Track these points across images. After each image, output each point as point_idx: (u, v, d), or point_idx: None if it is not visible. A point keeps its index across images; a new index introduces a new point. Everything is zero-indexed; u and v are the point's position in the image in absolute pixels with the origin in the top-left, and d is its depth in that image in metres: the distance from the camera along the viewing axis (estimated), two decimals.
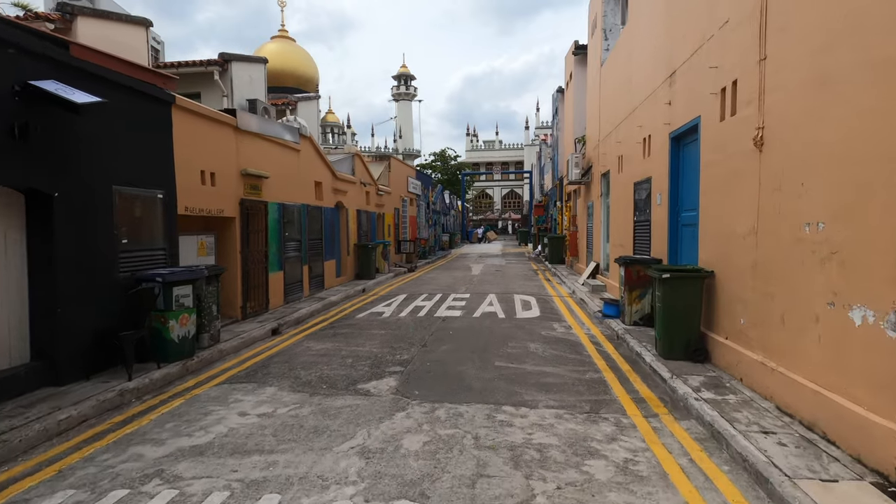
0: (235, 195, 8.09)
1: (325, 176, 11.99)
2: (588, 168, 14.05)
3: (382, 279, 14.72)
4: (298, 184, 10.51)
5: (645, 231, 8.47)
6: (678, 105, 6.80)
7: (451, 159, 64.01)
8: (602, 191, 12.47)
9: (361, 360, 6.15)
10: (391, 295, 11.87)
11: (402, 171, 21.00)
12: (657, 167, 7.76)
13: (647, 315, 7.50)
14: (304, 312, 9.12)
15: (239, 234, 8.19)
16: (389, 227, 18.48)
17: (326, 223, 12.06)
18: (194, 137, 7.03)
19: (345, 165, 14.22)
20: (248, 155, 8.43)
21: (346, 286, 12.72)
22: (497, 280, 14.76)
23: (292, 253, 10.21)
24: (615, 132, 10.73)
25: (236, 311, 8.17)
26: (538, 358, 6.15)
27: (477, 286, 13.35)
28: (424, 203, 25.42)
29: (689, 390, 4.63)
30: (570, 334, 7.50)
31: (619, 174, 10.32)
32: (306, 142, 10.91)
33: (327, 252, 12.14)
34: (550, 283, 14.06)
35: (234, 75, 13.36)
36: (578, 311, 9.47)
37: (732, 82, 5.12)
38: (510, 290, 12.55)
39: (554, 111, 25.81)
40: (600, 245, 12.67)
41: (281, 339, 7.44)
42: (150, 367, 5.46)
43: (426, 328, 7.95)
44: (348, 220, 13.73)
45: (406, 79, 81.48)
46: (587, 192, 14.63)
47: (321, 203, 11.77)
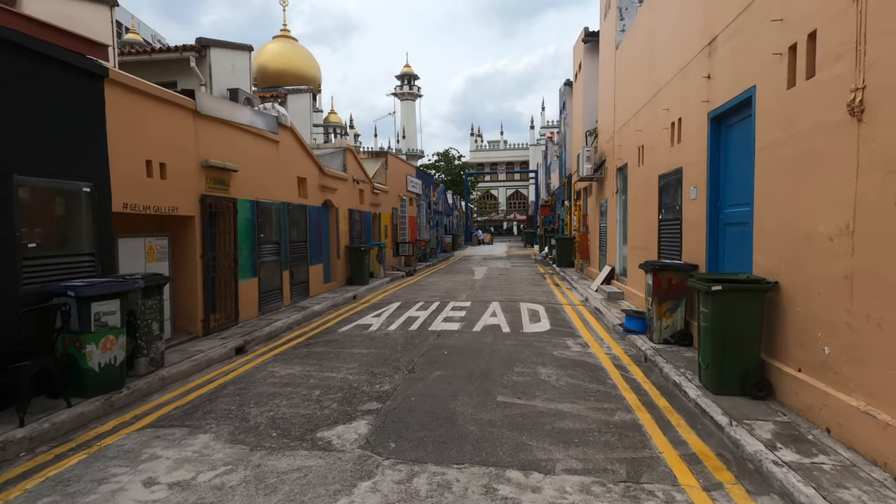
0: (194, 190, 6.93)
1: (310, 171, 10.83)
2: (601, 163, 12.82)
3: (376, 284, 13.54)
4: (277, 179, 9.34)
5: (674, 231, 7.24)
6: (721, 77, 5.58)
7: (455, 159, 62.84)
8: (618, 187, 11.23)
9: (331, 391, 4.96)
10: (383, 303, 10.68)
11: (401, 168, 19.84)
12: (690, 155, 6.54)
13: (681, 332, 6.27)
14: (280, 325, 7.95)
15: (199, 235, 7.02)
16: (386, 228, 17.31)
17: (312, 223, 10.90)
18: (137, 120, 5.87)
19: (335, 161, 13.06)
20: (211, 144, 7.27)
21: (335, 293, 11.55)
22: (501, 285, 13.54)
23: (269, 257, 9.05)
24: (634, 120, 9.50)
25: (196, 325, 7.00)
26: (551, 389, 4.93)
27: (479, 292, 12.14)
28: (425, 203, 24.24)
29: (760, 447, 3.40)
30: (587, 355, 6.28)
31: (640, 167, 9.09)
32: (287, 133, 9.75)
33: (313, 255, 10.97)
34: (560, 289, 12.83)
35: (214, 62, 12.24)
36: (594, 324, 8.23)
37: (809, 34, 3.89)
38: (516, 296, 11.33)
39: (561, 106, 24.58)
40: (615, 247, 11.44)
41: (243, 361, 6.26)
42: (60, 406, 4.30)
43: (417, 346, 6.75)
44: (338, 221, 12.57)
45: (409, 78, 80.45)
46: (600, 188, 13.39)
47: (305, 201, 10.61)
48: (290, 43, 55.82)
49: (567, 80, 22.19)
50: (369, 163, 17.30)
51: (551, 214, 29.27)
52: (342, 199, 12.85)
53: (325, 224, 11.95)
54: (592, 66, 16.05)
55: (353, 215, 13.69)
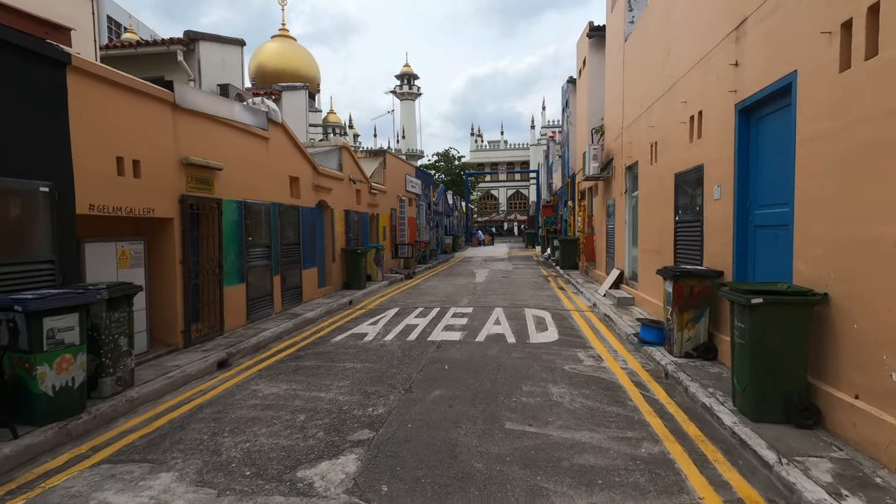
0: (173, 190, 6.38)
1: (303, 170, 10.28)
2: (608, 161, 12.28)
3: (374, 288, 12.99)
4: (267, 178, 8.80)
5: (693, 234, 6.69)
6: (751, 64, 5.03)
7: (455, 159, 62.31)
8: (627, 186, 10.69)
9: (318, 416, 4.41)
10: (380, 309, 10.13)
11: (400, 168, 19.29)
12: (713, 151, 5.99)
13: (704, 345, 5.72)
14: (268, 335, 7.40)
15: (179, 239, 6.48)
16: (384, 229, 16.76)
17: (305, 225, 10.35)
18: (106, 113, 5.33)
19: (330, 160, 12.52)
20: (191, 140, 6.73)
21: (330, 298, 11.00)
22: (504, 289, 13.00)
23: (259, 261, 8.50)
24: (645, 116, 8.96)
25: (176, 336, 6.46)
26: (566, 413, 4.38)
27: (481, 297, 11.60)
28: (425, 203, 23.69)
29: (823, 495, 2.85)
30: (602, 370, 5.73)
31: (653, 165, 8.54)
32: (278, 129, 9.21)
33: (307, 259, 10.43)
34: (565, 293, 12.28)
35: (203, 57, 11.71)
36: (606, 333, 7.68)
37: (869, 7, 3.35)
38: (520, 301, 10.78)
39: (564, 104, 24.04)
40: (624, 249, 10.89)
41: (225, 376, 5.72)
42: (6, 437, 3.75)
43: (415, 359, 6.20)
44: (334, 222, 12.02)
45: (409, 78, 79.92)
46: (606, 188, 12.85)
47: (298, 202, 10.06)
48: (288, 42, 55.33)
49: (570, 78, 21.66)
50: (367, 162, 16.76)
51: (553, 215, 28.73)
52: (338, 200, 12.31)
53: (319, 226, 11.41)
54: (598, 62, 15.51)
55: (350, 216, 13.15)
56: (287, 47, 51.50)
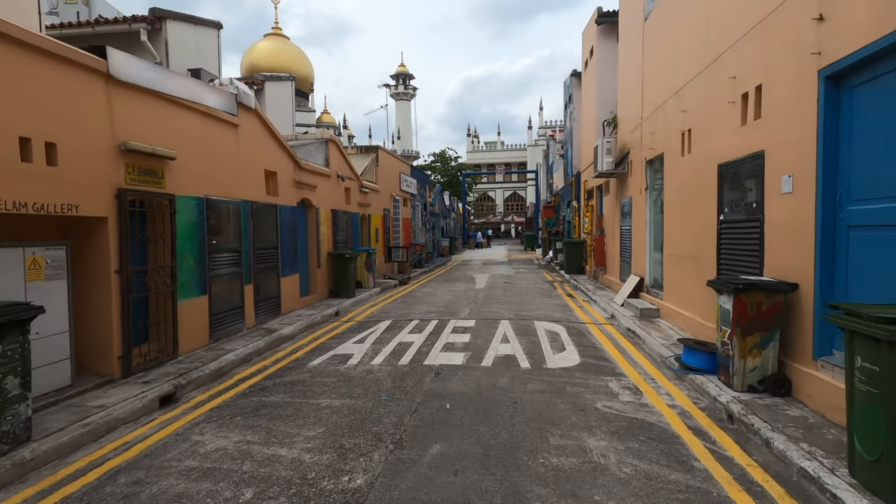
0: (107, 182, 5.13)
1: (281, 164, 9.04)
2: (623, 156, 11.10)
3: (364, 296, 11.75)
4: (236, 172, 7.55)
5: (746, 236, 5.50)
6: (848, 14, 3.85)
7: (452, 160, 61.13)
8: (648, 182, 9.51)
9: (272, 489, 3.17)
10: (370, 322, 8.89)
11: (394, 165, 18.07)
12: (779, 133, 4.81)
13: (774, 377, 4.53)
14: (232, 359, 6.15)
15: (116, 243, 5.22)
16: (377, 231, 15.53)
17: (284, 226, 9.11)
18: (4, 80, 4.09)
19: (315, 154, 11.29)
20: (134, 122, 5.48)
21: (314, 309, 9.75)
22: (508, 297, 11.78)
23: (225, 269, 7.25)
24: (674, 100, 7.78)
25: (111, 364, 5.19)
26: (616, 486, 3.16)
27: (483, 306, 10.38)
28: (421, 204, 22.48)
29: None
30: (645, 408, 4.51)
31: (685, 156, 7.36)
32: (250, 116, 7.97)
33: (286, 265, 9.18)
34: (576, 302, 11.09)
35: (172, 38, 10.46)
36: (635, 354, 6.48)
37: None
38: (527, 312, 9.58)
39: (566, 100, 22.92)
40: (644, 253, 9.71)
41: (165, 419, 4.47)
42: None
43: (408, 393, 4.97)
44: (319, 223, 10.78)
45: (404, 78, 78.83)
46: (620, 185, 11.67)
47: (276, 200, 8.82)
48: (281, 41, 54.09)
49: (574, 71, 20.53)
50: (358, 158, 15.53)
51: (555, 216, 27.58)
52: (323, 198, 11.07)
53: (301, 227, 10.16)
54: (608, 50, 14.38)
55: (338, 217, 11.91)
56: (280, 46, 50.28)
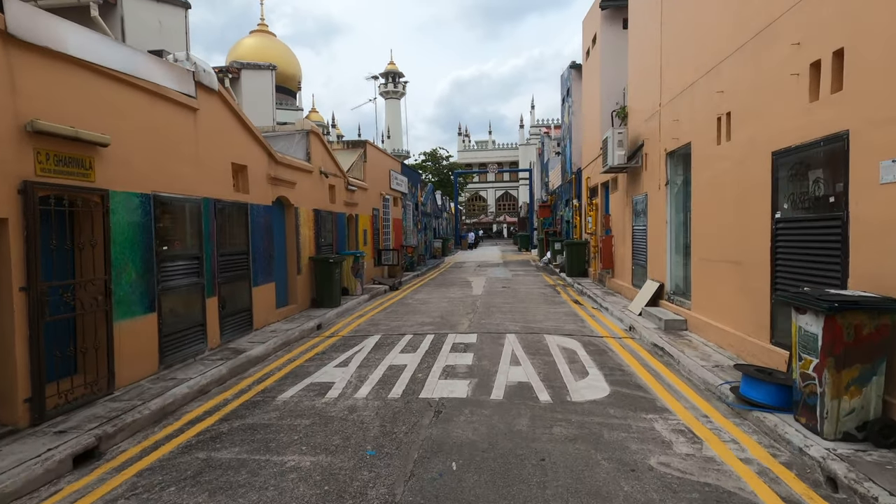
0: (7, 173, 3.95)
1: (253, 157, 7.87)
2: (637, 148, 10.07)
3: (351, 305, 10.60)
4: (195, 164, 6.38)
5: (821, 238, 4.45)
6: None
7: (443, 159, 60.03)
8: (668, 177, 8.48)
9: None
10: (356, 337, 7.75)
11: (383, 162, 16.91)
12: (873, 108, 3.76)
13: (880, 424, 3.46)
14: (184, 392, 4.98)
15: (21, 251, 4.04)
16: (365, 232, 14.36)
17: (257, 228, 7.93)
18: None
19: (295, 148, 10.11)
20: (48, 96, 4.30)
21: (293, 322, 8.59)
22: (510, 304, 10.70)
23: (181, 279, 6.07)
24: (707, 80, 6.74)
25: (15, 410, 4.00)
26: None
27: (484, 316, 9.29)
28: (412, 203, 21.34)
29: None
30: (713, 466, 3.43)
31: (721, 144, 6.33)
32: (213, 99, 6.80)
33: (259, 272, 8.00)
34: (585, 310, 10.03)
35: (129, 14, 9.22)
36: (672, 379, 5.41)
37: None
38: (534, 323, 8.49)
39: (564, 94, 21.91)
40: (664, 256, 8.67)
41: (74, 491, 3.31)
42: None
43: (402, 446, 3.84)
44: (299, 224, 9.61)
45: (394, 76, 77.60)
46: (633, 181, 10.64)
47: (246, 198, 7.65)
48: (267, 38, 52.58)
49: (573, 63, 19.53)
50: (344, 154, 14.36)
51: (551, 216, 26.59)
52: (304, 197, 9.90)
53: (278, 229, 8.99)
54: (613, 36, 13.37)
55: (321, 217, 10.74)
56: (266, 42, 48.90)
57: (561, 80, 22.66)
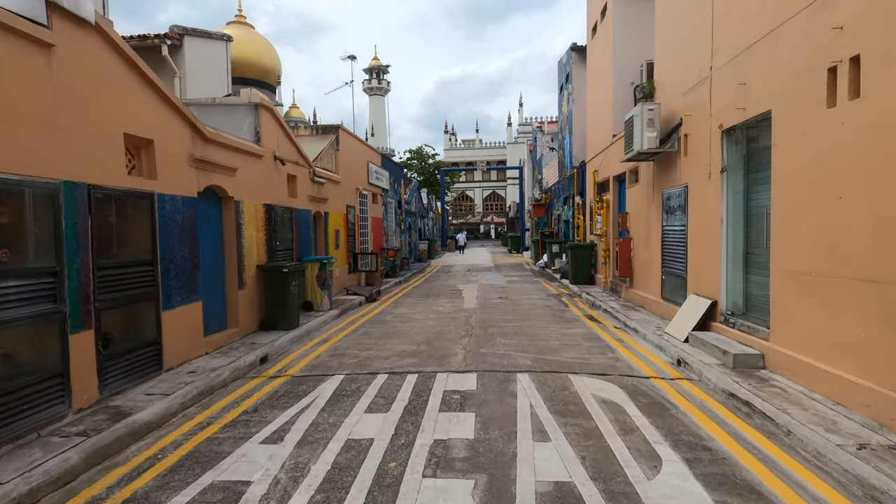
0: None
1: (163, 128, 5.66)
2: (672, 129, 8.06)
3: (315, 324, 8.41)
4: (51, 131, 4.16)
5: None
6: None
7: (429, 157, 57.84)
8: (725, 161, 6.48)
9: None
10: (307, 381, 5.59)
11: (360, 152, 14.70)
12: None
13: None
14: None
15: None
16: (338, 233, 12.16)
17: (170, 228, 5.72)
18: None
19: (239, 126, 7.90)
20: None
21: (226, 355, 6.38)
22: (511, 321, 8.61)
23: (18, 308, 3.85)
24: (804, 19, 4.73)
25: None
26: None
27: (482, 340, 7.20)
28: (394, 201, 19.17)
29: None
30: None
31: (838, 106, 4.31)
32: (89, 36, 4.58)
33: (175, 289, 5.79)
34: (604, 328, 8.01)
35: None
36: (800, 472, 3.36)
37: None
38: (550, 352, 6.42)
39: (562, 81, 19.95)
40: (717, 266, 6.67)
41: None
42: None
43: None
44: (241, 223, 7.40)
45: (378, 72, 75.20)
46: (663, 170, 8.63)
47: (151, 185, 5.44)
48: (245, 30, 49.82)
49: (573, 45, 17.56)
50: (311, 141, 12.14)
51: (546, 215, 24.64)
52: (250, 188, 7.69)
53: (209, 229, 6.77)
54: (627, 4, 11.43)
55: (276, 214, 8.54)
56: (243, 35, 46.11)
57: (558, 67, 20.70)
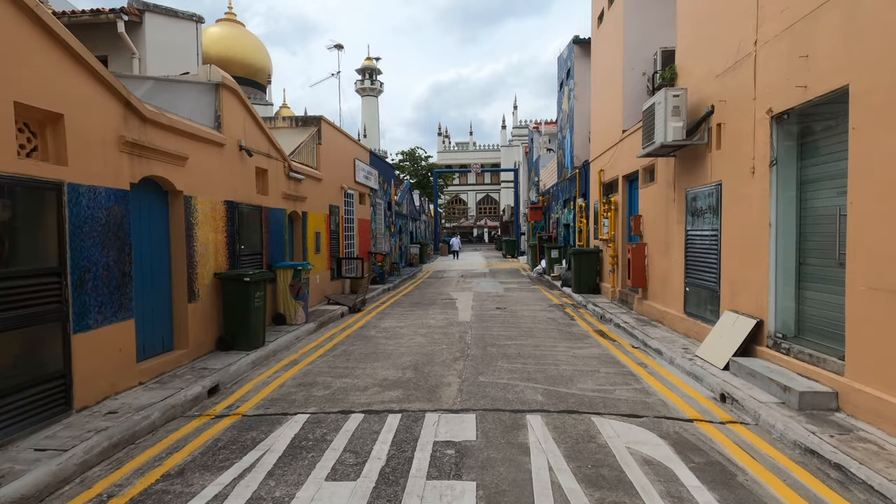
0: None
1: (81, 102, 4.45)
2: (701, 119, 6.97)
3: (285, 342, 7.21)
4: None
5: None
6: None
7: (422, 160, 56.71)
8: (775, 153, 5.39)
9: None
10: (261, 424, 4.38)
11: (345, 148, 13.51)
12: None
13: None
14: None
15: None
16: (318, 236, 10.96)
17: (87, 227, 4.51)
18: None
19: (193, 106, 6.70)
20: None
21: (165, 386, 5.16)
22: (513, 337, 7.46)
23: None
24: None
25: None
26: None
27: (481, 365, 6.03)
28: (383, 202, 17.98)
29: None
30: None
31: None
32: None
33: (92, 306, 4.57)
34: (621, 349, 6.87)
35: None
36: None
37: None
38: (563, 382, 5.27)
39: (563, 77, 18.92)
40: (764, 278, 5.57)
41: None
42: None
43: None
44: (194, 223, 6.20)
45: (371, 72, 74.08)
46: (688, 167, 7.54)
47: (58, 173, 4.23)
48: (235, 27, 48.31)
49: (575, 38, 16.54)
50: (289, 133, 10.95)
51: (543, 219, 23.57)
52: (206, 181, 6.49)
53: (151, 230, 5.55)
54: None
55: (240, 213, 7.33)
56: (233, 32, 44.77)
57: (558, 63, 19.67)
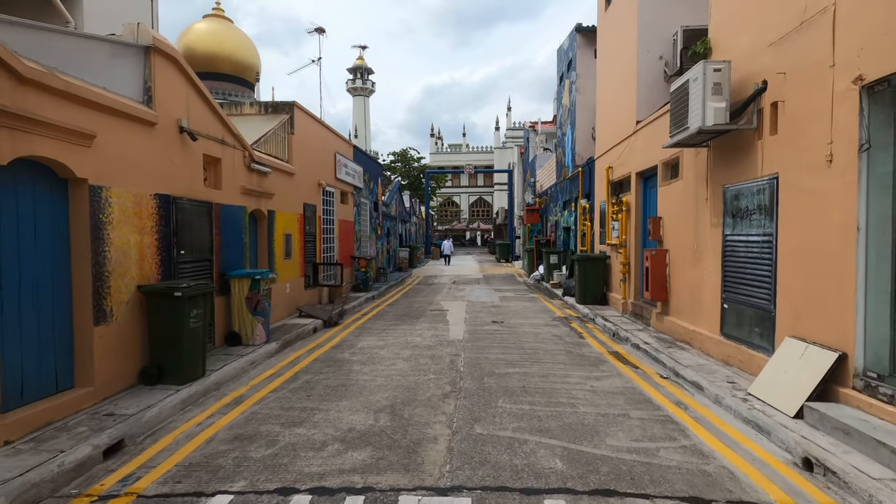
0: None
1: None
2: (749, 98, 5.66)
3: (234, 370, 5.79)
4: None
5: None
6: None
7: (414, 161, 55.38)
8: (866, 136, 4.08)
9: None
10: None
11: (324, 139, 12.09)
12: None
13: None
14: None
15: None
16: (289, 238, 9.53)
17: None
18: None
19: (126, 75, 5.28)
20: None
21: (35, 446, 3.73)
22: (515, 363, 6.09)
23: None
24: None
25: None
26: None
27: (476, 406, 4.66)
28: (370, 202, 16.58)
29: None
30: None
31: None
32: None
33: None
34: (649, 381, 5.53)
35: None
36: None
37: None
38: (585, 435, 3.91)
39: (563, 70, 17.67)
40: (850, 299, 4.27)
41: None
42: None
43: None
44: (104, 221, 4.77)
45: (362, 72, 72.66)
46: (727, 158, 6.23)
47: None
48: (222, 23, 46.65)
49: (578, 26, 15.30)
50: (260, 121, 9.54)
51: (540, 222, 22.30)
52: (127, 168, 5.07)
53: (36, 229, 4.12)
54: None
55: (181, 211, 5.91)
56: (221, 28, 43.17)
57: (558, 55, 18.43)
